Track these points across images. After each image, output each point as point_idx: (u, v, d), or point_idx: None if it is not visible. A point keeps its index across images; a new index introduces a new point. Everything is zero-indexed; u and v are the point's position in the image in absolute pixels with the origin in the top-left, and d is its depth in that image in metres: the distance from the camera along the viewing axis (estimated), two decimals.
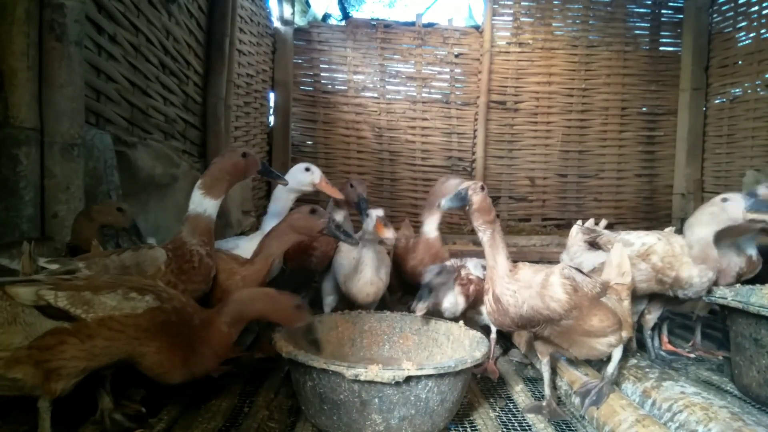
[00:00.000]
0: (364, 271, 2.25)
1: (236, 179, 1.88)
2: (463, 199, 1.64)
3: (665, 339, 2.48)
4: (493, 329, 2.29)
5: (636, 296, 2.16)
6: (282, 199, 2.42)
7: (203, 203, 1.79)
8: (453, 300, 2.17)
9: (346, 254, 2.43)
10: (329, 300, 2.44)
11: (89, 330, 1.31)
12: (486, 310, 1.71)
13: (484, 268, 2.24)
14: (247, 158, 1.87)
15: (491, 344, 2.23)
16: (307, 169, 2.34)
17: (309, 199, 2.85)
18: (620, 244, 2.02)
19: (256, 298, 1.62)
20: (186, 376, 1.50)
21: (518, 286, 1.63)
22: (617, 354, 1.82)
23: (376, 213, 2.16)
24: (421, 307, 1.97)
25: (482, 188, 1.66)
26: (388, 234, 2.11)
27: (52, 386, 1.30)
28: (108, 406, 1.56)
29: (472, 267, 2.29)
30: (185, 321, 1.47)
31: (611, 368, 1.83)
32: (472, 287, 2.21)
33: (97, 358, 1.34)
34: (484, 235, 1.66)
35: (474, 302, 2.23)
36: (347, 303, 2.39)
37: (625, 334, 1.79)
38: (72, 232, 2.03)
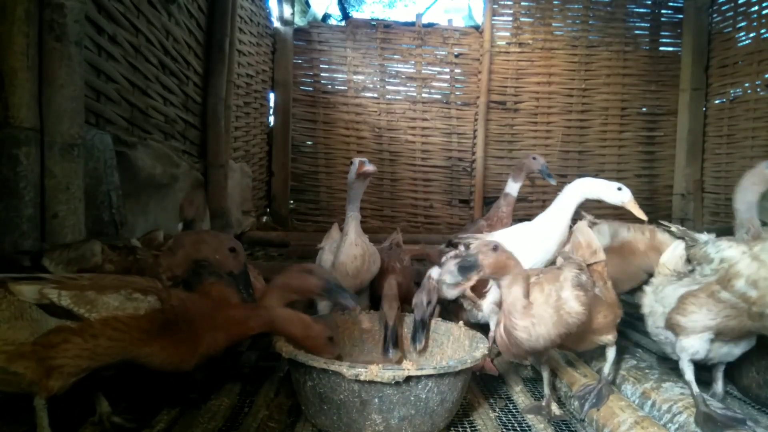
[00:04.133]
0: (349, 234, 2.28)
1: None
2: (472, 268, 1.47)
3: None
4: (492, 325, 2.29)
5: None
6: (571, 202, 2.35)
7: None
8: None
9: (329, 250, 2.47)
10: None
11: (93, 330, 1.32)
12: (497, 342, 1.67)
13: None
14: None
15: (488, 342, 2.23)
16: (620, 189, 2.37)
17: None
18: (584, 222, 2.05)
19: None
20: (200, 360, 1.53)
21: (531, 322, 1.56)
22: (611, 354, 1.83)
23: (358, 160, 2.27)
24: (419, 347, 1.96)
25: (495, 249, 1.52)
26: (369, 167, 2.21)
27: (50, 383, 1.30)
28: (106, 410, 1.57)
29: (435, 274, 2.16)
30: (185, 316, 1.48)
31: (607, 368, 1.84)
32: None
33: (99, 358, 1.35)
34: (503, 281, 1.57)
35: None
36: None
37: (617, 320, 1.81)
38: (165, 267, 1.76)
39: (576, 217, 2.61)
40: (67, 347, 1.30)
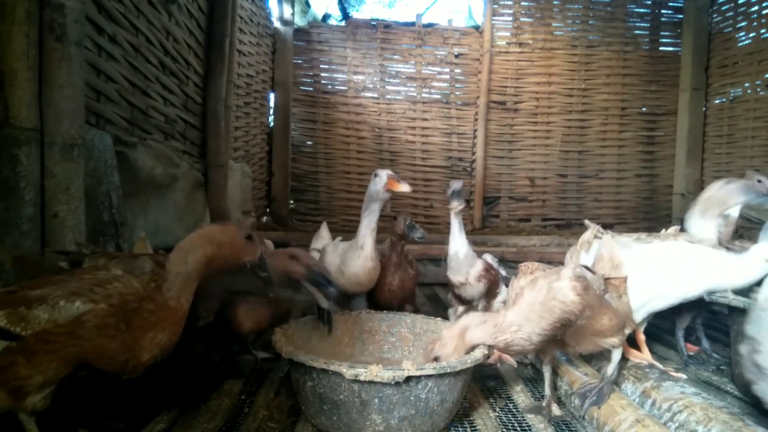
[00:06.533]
0: (365, 248, 2.20)
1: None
2: None
3: (690, 344, 2.43)
4: None
5: None
6: None
7: None
8: (473, 263, 2.27)
9: (332, 251, 2.41)
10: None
11: (30, 347, 1.28)
12: (502, 358, 1.71)
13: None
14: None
15: None
16: None
17: None
18: (608, 236, 2.03)
19: (193, 247, 1.46)
20: (148, 363, 1.41)
21: (510, 333, 1.58)
22: (617, 355, 1.82)
23: (386, 173, 2.19)
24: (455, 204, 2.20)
25: None
26: (404, 187, 2.15)
27: (23, 404, 1.29)
28: None
29: (490, 259, 2.40)
30: (128, 313, 1.38)
31: (611, 368, 1.83)
32: (491, 277, 2.31)
33: (50, 372, 1.30)
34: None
35: (487, 291, 2.32)
36: (341, 296, 2.34)
37: (627, 330, 1.80)
38: None
39: (570, 221, 2.58)
40: (15, 369, 1.27)
